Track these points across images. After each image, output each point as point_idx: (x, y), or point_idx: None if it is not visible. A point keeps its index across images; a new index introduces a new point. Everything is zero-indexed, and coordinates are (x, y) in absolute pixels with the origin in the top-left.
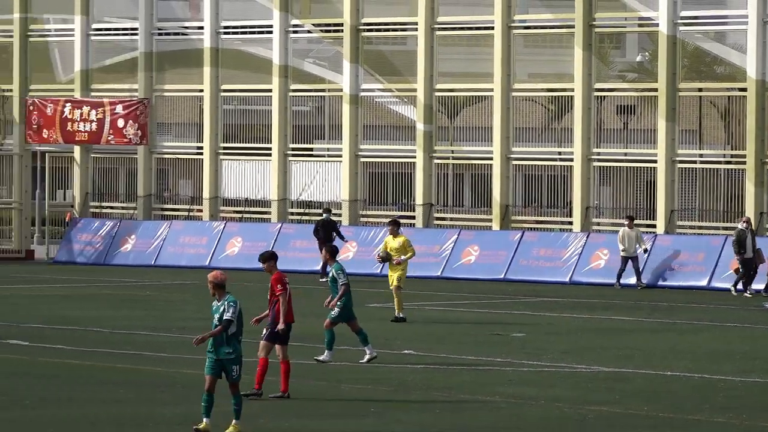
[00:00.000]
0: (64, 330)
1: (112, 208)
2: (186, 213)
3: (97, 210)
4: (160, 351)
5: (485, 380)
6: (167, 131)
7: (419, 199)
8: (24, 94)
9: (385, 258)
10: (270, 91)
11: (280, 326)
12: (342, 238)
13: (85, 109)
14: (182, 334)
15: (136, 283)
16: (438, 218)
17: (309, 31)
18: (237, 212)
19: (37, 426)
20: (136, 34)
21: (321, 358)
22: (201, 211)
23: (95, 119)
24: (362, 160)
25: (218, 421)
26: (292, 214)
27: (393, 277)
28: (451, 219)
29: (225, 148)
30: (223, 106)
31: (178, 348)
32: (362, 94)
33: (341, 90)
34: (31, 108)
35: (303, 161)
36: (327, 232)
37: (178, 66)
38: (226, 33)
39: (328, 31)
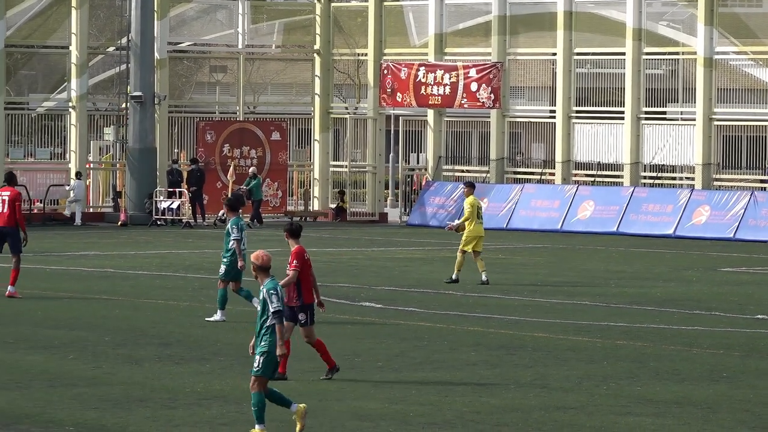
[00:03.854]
0: (416, 293)
1: (465, 171)
2: (538, 176)
3: (450, 173)
4: (510, 314)
5: None
6: (520, 95)
7: None
8: (379, 58)
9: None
10: (623, 54)
11: (321, 307)
12: None
13: (439, 72)
14: (533, 297)
15: (488, 246)
16: None
17: None
18: (589, 176)
19: (400, 388)
20: None
21: (212, 318)
22: (553, 174)
23: (449, 83)
24: (716, 123)
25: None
26: (644, 177)
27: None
28: None
29: (578, 112)
30: (577, 70)
31: (529, 311)
32: (716, 57)
33: (695, 53)
34: (386, 72)
35: (656, 125)
36: None
37: (532, 29)
38: None
39: None
